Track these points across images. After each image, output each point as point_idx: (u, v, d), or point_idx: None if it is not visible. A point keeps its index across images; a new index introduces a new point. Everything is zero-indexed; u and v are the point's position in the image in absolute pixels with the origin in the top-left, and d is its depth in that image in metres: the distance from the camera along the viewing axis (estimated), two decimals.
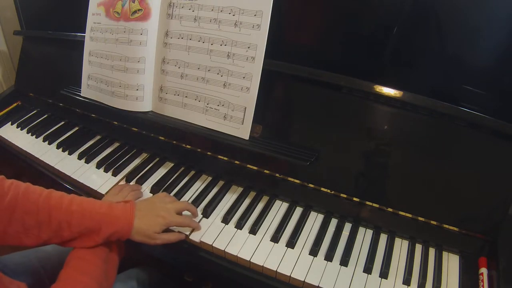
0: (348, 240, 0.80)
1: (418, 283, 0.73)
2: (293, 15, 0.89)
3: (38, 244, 0.70)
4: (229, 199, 0.90)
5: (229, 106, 0.88)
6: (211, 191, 0.92)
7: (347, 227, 0.84)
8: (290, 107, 0.89)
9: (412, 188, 0.79)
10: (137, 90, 0.97)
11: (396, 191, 0.81)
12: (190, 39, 0.91)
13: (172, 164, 1.01)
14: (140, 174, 0.97)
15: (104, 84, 1.02)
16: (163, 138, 1.01)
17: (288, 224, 0.84)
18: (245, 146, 0.87)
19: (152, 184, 0.93)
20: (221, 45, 0.87)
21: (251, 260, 0.75)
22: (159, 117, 0.97)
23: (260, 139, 0.88)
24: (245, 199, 0.90)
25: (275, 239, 0.80)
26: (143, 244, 0.75)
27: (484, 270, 0.73)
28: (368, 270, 0.75)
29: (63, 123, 1.20)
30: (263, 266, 0.75)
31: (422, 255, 0.78)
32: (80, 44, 1.07)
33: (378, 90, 0.78)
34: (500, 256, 0.71)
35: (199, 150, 0.96)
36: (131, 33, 0.95)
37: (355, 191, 0.83)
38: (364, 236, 0.82)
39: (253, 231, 0.81)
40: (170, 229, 0.80)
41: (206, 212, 0.85)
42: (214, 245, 0.78)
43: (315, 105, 0.86)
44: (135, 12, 0.94)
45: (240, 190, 0.92)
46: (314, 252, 0.77)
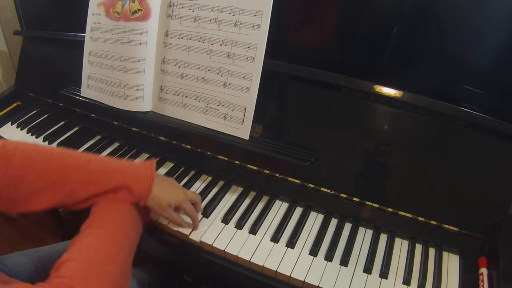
0: (348, 240, 0.80)
1: (418, 283, 0.73)
2: (293, 15, 0.89)
3: (46, 207, 0.65)
4: (229, 199, 0.90)
5: (229, 106, 0.88)
6: (211, 191, 0.92)
7: (347, 227, 0.84)
8: (290, 107, 0.89)
9: (412, 188, 0.79)
10: (137, 90, 0.97)
11: (396, 191, 0.81)
12: (190, 39, 0.91)
13: (172, 164, 1.01)
14: None
15: (104, 84, 1.02)
16: (163, 138, 1.01)
17: (288, 224, 0.84)
18: (245, 146, 0.87)
19: None
20: (221, 45, 0.87)
21: (251, 260, 0.75)
22: (159, 117, 0.97)
23: (260, 139, 0.88)
24: (245, 199, 0.90)
25: (275, 239, 0.80)
26: (143, 242, 0.75)
27: (484, 270, 0.73)
28: (368, 270, 0.75)
29: (63, 123, 1.20)
30: (263, 266, 0.75)
31: (422, 255, 0.78)
32: (80, 44, 1.07)
33: (378, 90, 0.78)
34: (500, 256, 0.71)
35: (199, 150, 0.96)
36: (131, 33, 0.95)
37: (355, 191, 0.83)
38: (364, 236, 0.82)
39: (253, 231, 0.81)
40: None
41: (206, 212, 0.85)
42: (214, 245, 0.78)
43: (315, 105, 0.86)
44: (135, 12, 0.94)
45: (240, 190, 0.92)
46: (314, 252, 0.77)
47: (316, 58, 0.89)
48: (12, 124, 1.22)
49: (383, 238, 0.82)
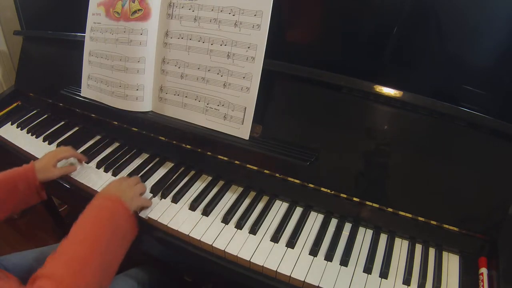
0: (348, 240, 0.80)
1: (418, 283, 0.73)
2: (293, 15, 0.89)
3: None
4: (229, 199, 0.90)
5: (229, 106, 0.88)
6: (211, 191, 0.92)
7: (347, 227, 0.84)
8: (290, 107, 0.89)
9: (412, 188, 0.79)
10: (137, 90, 0.97)
11: (396, 191, 0.81)
12: (190, 39, 0.91)
13: (172, 164, 1.01)
14: (140, 174, 0.97)
15: (104, 84, 1.02)
16: (163, 138, 1.01)
17: (288, 224, 0.84)
18: (245, 146, 0.87)
19: (152, 184, 0.93)
20: (221, 45, 0.87)
21: (251, 260, 0.75)
22: (159, 117, 0.97)
23: (260, 139, 0.88)
24: (245, 199, 0.90)
25: (275, 239, 0.80)
26: (143, 243, 0.75)
27: (484, 270, 0.73)
28: (368, 270, 0.75)
29: (63, 123, 1.20)
30: (263, 266, 0.75)
31: (422, 255, 0.78)
32: (80, 44, 1.07)
33: (378, 90, 0.78)
34: (500, 256, 0.71)
35: (199, 150, 0.96)
36: (131, 33, 0.95)
37: (355, 191, 0.83)
38: (364, 236, 0.82)
39: (253, 231, 0.81)
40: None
41: (206, 212, 0.85)
42: (214, 245, 0.78)
43: (315, 105, 0.86)
44: (135, 12, 0.94)
45: (240, 190, 0.92)
46: (314, 252, 0.77)
47: (316, 58, 0.90)
48: (12, 124, 1.22)
49: (383, 238, 0.82)
